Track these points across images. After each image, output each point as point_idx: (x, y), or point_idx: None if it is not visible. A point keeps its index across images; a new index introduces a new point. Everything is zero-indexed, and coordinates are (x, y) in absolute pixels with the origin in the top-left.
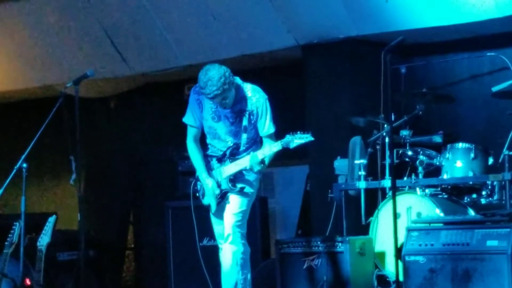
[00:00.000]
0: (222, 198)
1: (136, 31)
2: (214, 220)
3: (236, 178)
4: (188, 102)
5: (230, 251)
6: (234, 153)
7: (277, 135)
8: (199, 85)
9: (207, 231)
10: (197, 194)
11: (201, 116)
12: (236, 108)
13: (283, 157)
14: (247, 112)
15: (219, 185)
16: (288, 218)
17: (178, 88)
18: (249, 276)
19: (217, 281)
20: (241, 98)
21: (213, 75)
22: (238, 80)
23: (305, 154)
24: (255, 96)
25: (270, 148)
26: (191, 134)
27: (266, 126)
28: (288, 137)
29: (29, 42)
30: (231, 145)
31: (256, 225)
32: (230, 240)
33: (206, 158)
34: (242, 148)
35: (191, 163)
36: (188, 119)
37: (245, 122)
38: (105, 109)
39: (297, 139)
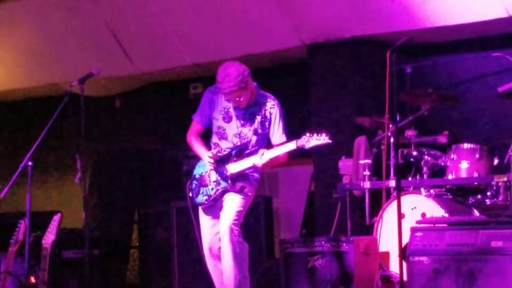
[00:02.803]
0: (220, 197)
1: (142, 30)
2: (206, 220)
3: (237, 178)
4: (191, 100)
5: (229, 250)
6: (240, 154)
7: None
8: (216, 79)
9: None
10: (190, 194)
11: (211, 116)
12: (249, 111)
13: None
14: (260, 116)
15: (218, 184)
16: (292, 217)
17: (183, 87)
18: (248, 273)
19: None
20: (255, 102)
21: (232, 72)
22: (256, 85)
23: (309, 154)
24: (270, 103)
25: (283, 148)
26: (194, 129)
27: (279, 135)
28: (304, 138)
29: (35, 41)
30: (238, 146)
31: (261, 224)
32: (228, 239)
33: None
34: (249, 150)
35: (195, 162)
36: (196, 115)
37: (256, 125)
38: (110, 108)
39: (314, 140)
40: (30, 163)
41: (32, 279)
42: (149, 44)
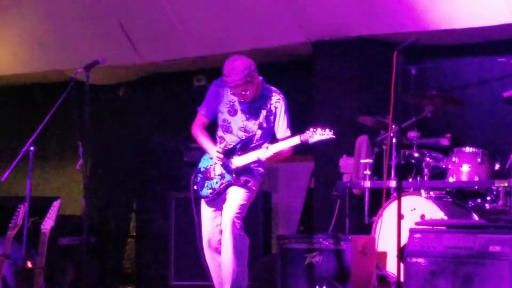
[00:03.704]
0: (224, 190)
1: (148, 20)
2: (208, 212)
3: (242, 171)
4: (195, 92)
5: (230, 243)
6: (244, 148)
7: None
8: (222, 72)
9: None
10: (195, 187)
11: (216, 109)
12: (255, 105)
13: None
14: (265, 110)
15: (222, 177)
16: (291, 214)
17: (187, 79)
18: (247, 267)
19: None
20: (261, 96)
21: (239, 65)
22: (262, 80)
23: (310, 150)
24: (275, 97)
25: (287, 143)
26: (199, 121)
27: (284, 129)
28: (307, 133)
29: (41, 26)
30: (243, 139)
31: (259, 219)
32: (229, 231)
33: None
34: (254, 144)
35: (196, 154)
36: (202, 108)
37: (261, 119)
38: (113, 97)
39: (318, 135)
40: (32, 148)
41: (29, 264)
42: (155, 35)
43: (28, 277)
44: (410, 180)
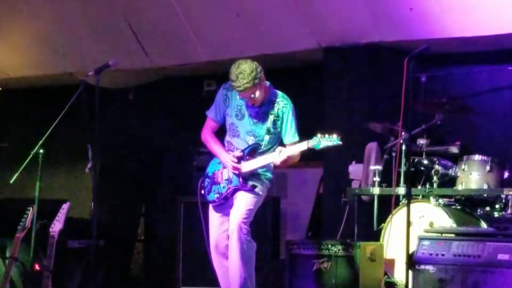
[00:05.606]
0: (231, 195)
1: (159, 25)
2: (216, 217)
3: (249, 177)
4: (205, 97)
5: (237, 248)
6: (252, 153)
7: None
8: (230, 77)
9: None
10: (202, 191)
11: (225, 112)
12: (262, 109)
13: None
14: (272, 115)
15: (229, 182)
16: (299, 219)
17: (197, 84)
18: (254, 272)
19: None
20: (268, 101)
21: (245, 69)
22: (269, 84)
23: (320, 156)
24: (282, 102)
25: (295, 148)
26: (209, 125)
27: (291, 134)
28: (315, 139)
29: (52, 29)
30: (251, 144)
31: (268, 224)
32: (236, 236)
33: None
34: (262, 149)
35: (206, 159)
36: (210, 112)
37: (269, 124)
38: (123, 101)
39: (325, 141)
40: (41, 150)
41: (37, 266)
42: (166, 39)
43: (36, 279)
44: (419, 187)
